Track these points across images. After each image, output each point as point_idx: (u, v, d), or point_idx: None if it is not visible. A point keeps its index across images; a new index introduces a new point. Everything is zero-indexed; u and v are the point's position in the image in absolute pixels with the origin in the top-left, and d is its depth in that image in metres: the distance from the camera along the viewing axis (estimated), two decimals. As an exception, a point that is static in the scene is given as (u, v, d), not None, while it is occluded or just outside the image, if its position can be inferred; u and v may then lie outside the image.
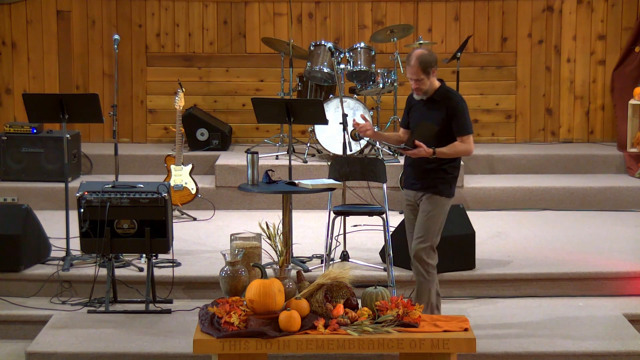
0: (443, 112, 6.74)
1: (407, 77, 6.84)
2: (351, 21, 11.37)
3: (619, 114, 11.12)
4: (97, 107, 8.00)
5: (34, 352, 6.68)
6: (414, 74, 6.74)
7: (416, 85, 6.78)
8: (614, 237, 8.86)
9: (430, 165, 6.76)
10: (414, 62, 6.73)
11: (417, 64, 6.73)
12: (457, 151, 6.75)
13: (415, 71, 6.74)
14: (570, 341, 6.83)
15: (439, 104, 6.78)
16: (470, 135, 6.77)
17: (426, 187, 6.80)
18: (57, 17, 11.26)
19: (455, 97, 6.83)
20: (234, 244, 6.38)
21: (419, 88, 6.78)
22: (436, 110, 6.76)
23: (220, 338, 5.80)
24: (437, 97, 6.80)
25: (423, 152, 6.64)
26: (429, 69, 6.75)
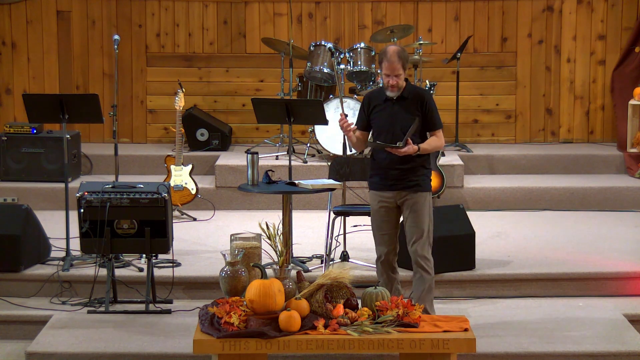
0: (417, 109, 6.72)
1: (384, 73, 6.73)
2: (351, 21, 11.37)
3: (619, 114, 11.12)
4: (97, 107, 8.00)
5: (34, 352, 6.68)
6: (395, 69, 6.67)
7: (395, 82, 6.71)
8: (614, 237, 8.86)
9: (410, 164, 6.74)
10: (394, 57, 6.66)
11: (397, 60, 6.66)
12: (435, 146, 6.80)
13: (397, 67, 6.67)
14: (570, 341, 6.83)
15: (411, 101, 6.74)
16: (441, 129, 6.82)
17: (411, 186, 6.78)
18: (57, 17, 11.26)
19: (426, 93, 6.84)
20: (234, 244, 6.38)
21: (396, 85, 6.72)
22: (410, 107, 6.73)
23: (220, 338, 5.80)
24: (407, 94, 6.77)
25: (411, 149, 6.64)
26: (406, 65, 6.74)
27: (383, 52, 6.75)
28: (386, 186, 6.86)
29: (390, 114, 6.77)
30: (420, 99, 6.76)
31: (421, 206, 6.78)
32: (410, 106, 6.74)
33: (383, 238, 6.91)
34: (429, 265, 6.81)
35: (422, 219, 6.77)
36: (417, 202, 6.78)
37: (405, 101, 6.76)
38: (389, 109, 6.79)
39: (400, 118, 6.74)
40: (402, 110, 6.75)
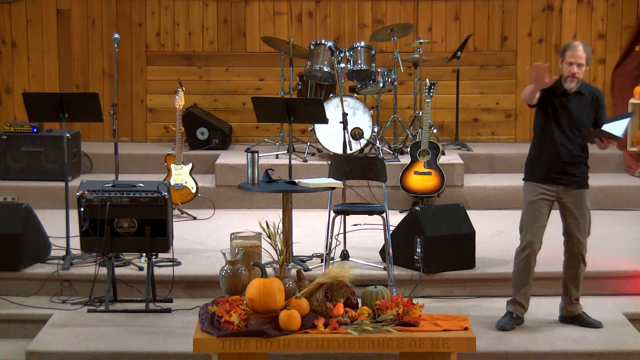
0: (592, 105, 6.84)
1: (567, 62, 6.79)
2: (351, 20, 11.37)
3: (619, 113, 11.11)
4: (97, 106, 8.00)
5: (34, 351, 6.68)
6: (579, 57, 6.77)
7: (576, 70, 6.77)
8: (614, 236, 8.86)
9: (576, 160, 6.88)
10: (580, 46, 6.79)
11: (583, 48, 6.79)
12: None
13: (580, 55, 6.77)
14: (571, 340, 6.83)
15: (587, 98, 6.85)
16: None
17: (576, 182, 6.91)
18: (57, 16, 11.26)
19: (599, 91, 6.96)
20: (234, 243, 6.38)
21: (578, 73, 6.78)
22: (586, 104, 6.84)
23: (220, 337, 5.80)
24: (584, 91, 6.88)
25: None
26: (589, 61, 6.84)
27: (566, 45, 6.90)
28: (550, 179, 6.92)
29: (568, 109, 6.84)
30: (596, 97, 6.87)
31: (586, 204, 6.96)
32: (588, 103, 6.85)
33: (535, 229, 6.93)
34: (585, 257, 7.03)
35: (588, 217, 6.96)
36: (583, 200, 6.93)
37: (582, 97, 6.87)
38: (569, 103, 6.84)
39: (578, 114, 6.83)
40: (580, 106, 6.83)
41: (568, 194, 6.92)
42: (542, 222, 6.96)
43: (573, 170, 6.90)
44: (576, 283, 7.07)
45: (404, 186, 9.73)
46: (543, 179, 6.93)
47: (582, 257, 7.02)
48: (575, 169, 6.91)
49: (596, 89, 7.00)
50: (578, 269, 7.05)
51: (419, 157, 9.70)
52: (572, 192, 6.91)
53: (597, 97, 6.89)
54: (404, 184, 9.74)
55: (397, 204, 9.81)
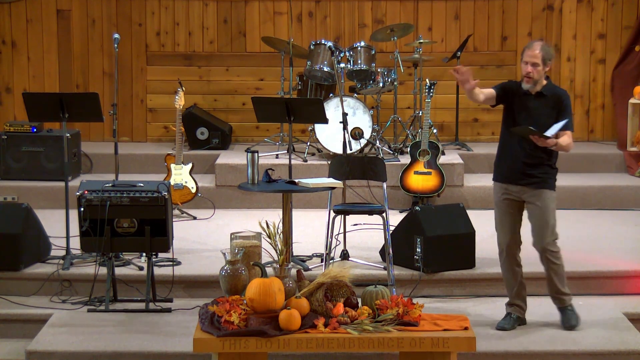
0: (555, 109, 6.78)
1: (523, 61, 6.78)
2: (351, 20, 11.37)
3: (619, 113, 11.12)
4: (97, 106, 8.00)
5: (34, 351, 6.68)
6: (533, 56, 6.73)
7: (530, 69, 6.74)
8: (614, 236, 8.86)
9: (536, 161, 6.82)
10: (536, 46, 6.75)
11: (538, 49, 6.74)
12: (567, 144, 6.82)
13: (535, 54, 6.73)
14: (570, 340, 6.83)
15: (549, 99, 6.81)
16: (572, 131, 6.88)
17: (536, 183, 6.86)
18: (57, 16, 11.26)
19: (565, 94, 6.90)
20: (234, 242, 6.38)
21: (532, 72, 6.75)
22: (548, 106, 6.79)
23: (220, 337, 5.80)
24: (547, 92, 6.84)
25: (552, 142, 6.69)
26: (547, 61, 6.78)
27: (527, 44, 6.86)
28: (513, 179, 6.91)
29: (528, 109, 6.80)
30: (559, 99, 6.81)
31: (548, 204, 6.88)
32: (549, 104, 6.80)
33: (504, 230, 6.98)
34: (555, 256, 6.96)
35: (547, 217, 6.88)
36: (543, 199, 6.86)
37: (544, 98, 6.82)
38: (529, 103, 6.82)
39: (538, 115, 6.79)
40: (540, 107, 6.79)
41: (529, 194, 6.89)
42: (510, 222, 6.96)
43: (532, 170, 6.84)
44: (551, 279, 7.03)
45: (404, 186, 9.73)
46: (506, 178, 6.95)
47: (548, 255, 6.95)
48: (534, 170, 6.84)
49: (561, 91, 6.92)
50: (548, 267, 7.00)
51: (419, 157, 9.70)
52: (533, 192, 6.87)
53: (560, 99, 6.81)
54: (404, 183, 9.73)
55: (397, 203, 9.80)
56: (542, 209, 6.87)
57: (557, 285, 7.02)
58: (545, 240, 6.92)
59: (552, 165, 6.93)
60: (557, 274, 7.01)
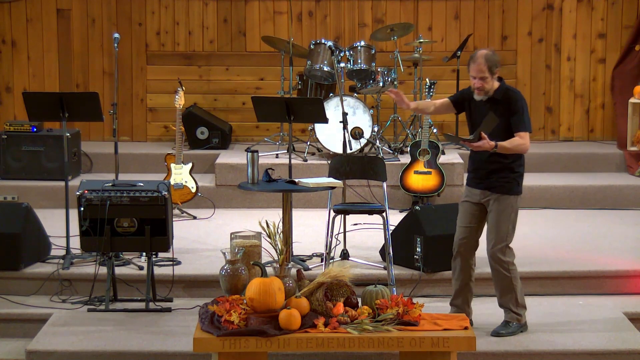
0: (508, 111, 6.72)
1: (470, 75, 6.75)
2: (351, 19, 11.37)
3: (619, 113, 11.12)
4: (97, 105, 8.00)
5: (34, 351, 6.68)
6: (480, 71, 6.69)
7: (480, 84, 6.72)
8: (614, 236, 8.86)
9: (496, 165, 6.75)
10: (480, 59, 6.69)
11: (484, 62, 6.69)
12: (516, 145, 6.71)
13: (481, 69, 6.69)
14: (570, 340, 6.83)
15: (501, 102, 6.75)
16: (528, 133, 6.77)
17: (493, 187, 6.79)
18: (57, 15, 11.26)
19: (517, 94, 6.82)
20: (234, 242, 6.38)
21: (481, 87, 6.73)
22: (500, 110, 6.72)
23: (220, 336, 5.80)
24: (498, 96, 6.78)
25: (487, 145, 6.59)
26: (494, 69, 6.74)
27: (471, 56, 6.79)
28: (474, 184, 6.89)
29: (482, 115, 6.75)
30: (509, 100, 6.75)
31: (503, 209, 6.76)
32: (501, 108, 6.73)
33: (459, 229, 6.92)
34: (503, 266, 6.79)
35: (501, 222, 6.75)
36: (499, 204, 6.77)
37: (496, 103, 6.77)
38: (482, 109, 6.79)
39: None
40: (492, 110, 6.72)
41: (489, 198, 6.82)
42: (466, 222, 6.91)
43: (493, 175, 6.77)
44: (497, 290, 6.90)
45: (404, 186, 9.73)
46: (470, 182, 6.94)
47: (495, 263, 6.81)
48: (495, 174, 6.77)
49: (513, 93, 6.83)
50: (493, 276, 6.88)
51: (419, 156, 9.70)
52: (492, 196, 6.80)
53: (510, 102, 6.74)
54: (404, 183, 9.73)
55: (397, 203, 9.80)
56: (496, 213, 6.78)
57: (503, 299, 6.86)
58: (492, 247, 6.80)
59: (513, 169, 6.81)
60: (502, 285, 6.85)
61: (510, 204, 6.78)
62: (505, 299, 6.87)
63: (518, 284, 6.86)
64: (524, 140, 6.71)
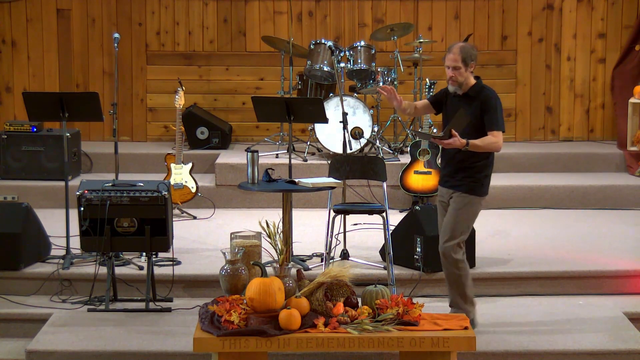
0: (479, 108, 6.74)
1: (445, 66, 6.79)
2: (351, 19, 11.37)
3: (619, 113, 11.11)
4: (97, 105, 8.00)
5: (34, 351, 6.68)
6: (454, 60, 6.72)
7: (452, 74, 6.74)
8: (614, 236, 8.86)
9: (461, 164, 6.75)
10: (455, 49, 6.74)
11: (458, 52, 6.72)
12: (488, 144, 6.71)
13: (455, 58, 6.71)
14: (571, 340, 6.83)
15: (475, 99, 6.77)
16: (501, 132, 6.77)
17: (457, 186, 6.80)
18: (57, 15, 11.26)
19: (490, 92, 6.83)
20: (234, 242, 6.38)
21: (454, 77, 6.74)
22: (473, 106, 6.74)
23: (220, 336, 5.80)
24: (472, 93, 6.80)
25: (457, 142, 6.58)
26: (469, 61, 6.73)
27: (449, 46, 6.84)
28: (442, 182, 6.93)
29: (454, 110, 6.77)
30: (482, 98, 6.76)
31: (460, 207, 6.76)
32: (474, 104, 6.75)
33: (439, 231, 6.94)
34: (452, 262, 6.79)
35: (455, 220, 6.75)
36: (458, 202, 6.78)
37: (470, 99, 6.78)
38: (455, 104, 6.81)
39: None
40: (466, 108, 6.73)
41: (452, 196, 6.83)
42: (440, 223, 6.94)
43: (457, 174, 6.78)
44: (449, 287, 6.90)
45: (404, 186, 9.74)
46: (440, 180, 6.97)
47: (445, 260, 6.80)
48: (459, 174, 6.77)
49: (487, 91, 6.84)
50: (445, 274, 6.88)
51: (419, 156, 9.70)
52: (455, 194, 6.80)
53: (483, 100, 6.75)
54: (404, 183, 9.74)
55: (397, 203, 9.80)
56: (454, 210, 6.78)
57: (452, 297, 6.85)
58: (444, 242, 6.79)
59: (480, 170, 6.80)
60: (452, 283, 6.84)
61: (469, 202, 6.78)
62: (454, 295, 6.86)
63: (467, 281, 6.85)
64: (497, 139, 6.72)
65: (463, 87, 6.80)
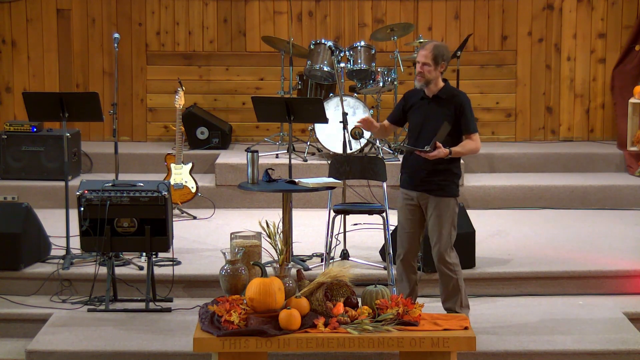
0: (451, 111, 6.72)
1: (417, 60, 6.78)
2: (351, 19, 11.37)
3: (619, 113, 11.11)
4: (97, 105, 8.01)
5: (34, 351, 6.69)
6: (424, 57, 6.69)
7: (420, 68, 6.71)
8: (614, 236, 8.86)
9: (437, 167, 6.72)
10: (428, 46, 6.72)
11: (430, 49, 6.70)
12: (470, 149, 6.75)
13: (426, 54, 6.69)
14: (570, 340, 6.83)
15: (445, 102, 6.74)
16: (477, 133, 6.78)
17: (433, 190, 6.77)
18: (57, 15, 11.26)
19: (462, 95, 6.82)
20: (234, 242, 6.38)
21: (422, 73, 6.71)
22: (444, 108, 6.73)
23: (220, 336, 5.80)
24: (443, 95, 6.77)
25: (442, 153, 6.58)
26: (440, 61, 6.71)
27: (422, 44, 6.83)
28: (412, 186, 6.86)
29: (424, 113, 6.77)
30: (455, 101, 6.74)
31: (444, 211, 6.75)
32: (445, 107, 6.73)
33: (404, 236, 6.92)
34: (449, 267, 6.78)
35: (442, 225, 6.74)
36: (439, 207, 6.76)
37: (440, 101, 6.75)
38: (424, 108, 6.79)
39: (433, 118, 6.73)
40: (436, 110, 6.72)
41: (427, 200, 6.81)
42: (408, 228, 6.91)
43: (432, 177, 6.76)
44: (443, 292, 6.87)
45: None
46: (406, 184, 6.92)
47: (442, 266, 6.79)
48: (434, 177, 6.75)
49: (460, 94, 6.85)
50: (440, 279, 6.86)
51: (419, 156, 9.68)
52: (431, 199, 6.79)
53: (459, 102, 6.74)
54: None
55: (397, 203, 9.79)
56: (438, 217, 6.76)
57: (449, 302, 6.85)
58: (438, 249, 6.78)
59: (452, 171, 6.80)
60: (450, 287, 6.83)
61: (450, 205, 6.77)
62: (451, 301, 6.84)
63: (463, 285, 6.86)
64: (476, 143, 6.75)
65: (431, 87, 6.76)
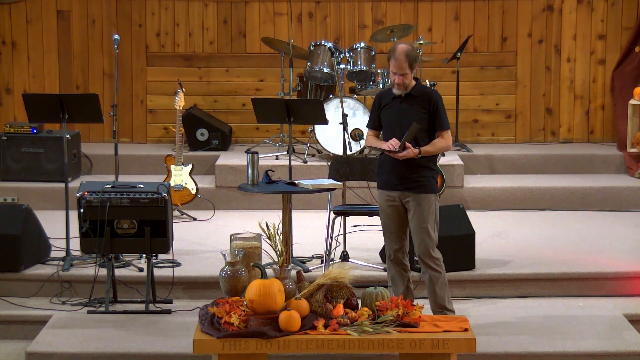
0: (425, 108, 6.74)
1: (391, 71, 6.76)
2: (351, 21, 11.37)
3: (619, 114, 11.11)
4: (97, 107, 8.00)
5: (34, 352, 6.69)
6: (401, 68, 6.69)
7: (400, 80, 6.72)
8: (614, 237, 8.86)
9: (414, 165, 6.74)
10: (402, 56, 6.68)
11: (404, 58, 6.68)
12: (439, 148, 6.80)
13: (404, 66, 6.68)
14: (570, 341, 6.83)
15: (418, 99, 6.76)
16: (449, 130, 6.79)
17: (414, 187, 6.79)
18: (57, 16, 11.26)
19: (434, 93, 6.84)
20: (234, 244, 6.38)
21: (402, 83, 6.73)
22: (417, 106, 6.74)
23: (220, 338, 5.80)
24: (415, 93, 6.79)
25: (411, 153, 6.64)
26: (414, 64, 6.74)
27: (392, 50, 6.78)
28: (391, 186, 6.87)
29: (397, 111, 6.79)
30: (428, 98, 6.76)
31: (426, 208, 6.77)
32: (417, 104, 6.75)
33: (390, 237, 6.92)
34: (436, 263, 6.82)
35: (426, 222, 6.77)
36: (421, 204, 6.77)
37: (413, 99, 6.77)
38: (397, 106, 6.81)
39: (406, 116, 6.74)
40: (409, 108, 6.75)
41: (408, 198, 6.81)
42: (392, 229, 6.92)
43: (411, 175, 6.77)
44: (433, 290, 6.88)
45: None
46: (386, 185, 6.92)
47: (428, 261, 6.83)
48: (413, 174, 6.77)
49: (431, 90, 6.87)
50: (429, 276, 6.86)
51: (419, 157, 9.68)
52: (412, 196, 6.80)
53: (431, 99, 6.75)
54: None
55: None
56: (420, 213, 6.78)
57: (438, 299, 6.85)
58: (424, 245, 6.81)
59: (430, 167, 6.83)
60: (438, 283, 6.84)
61: (431, 202, 6.80)
62: (441, 297, 6.84)
63: (446, 281, 6.89)
64: (447, 141, 6.78)
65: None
